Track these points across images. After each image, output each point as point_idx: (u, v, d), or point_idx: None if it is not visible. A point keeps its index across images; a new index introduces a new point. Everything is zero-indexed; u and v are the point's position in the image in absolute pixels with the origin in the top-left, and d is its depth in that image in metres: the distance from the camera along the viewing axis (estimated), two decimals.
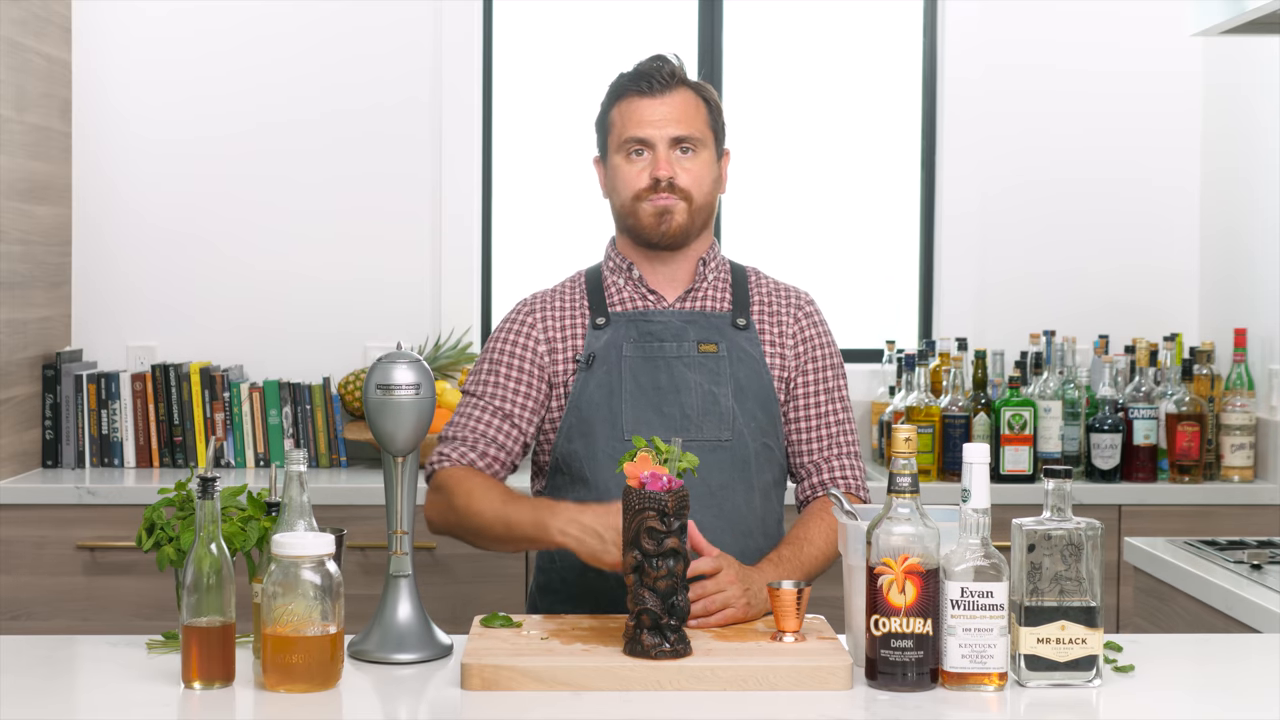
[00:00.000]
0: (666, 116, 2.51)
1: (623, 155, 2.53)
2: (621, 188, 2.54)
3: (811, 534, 2.48)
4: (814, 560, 2.46)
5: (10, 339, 3.81)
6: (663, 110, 2.52)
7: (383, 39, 4.27)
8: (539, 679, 1.96)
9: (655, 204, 2.51)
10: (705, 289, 2.59)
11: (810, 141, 4.48)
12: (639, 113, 2.52)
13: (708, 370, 2.52)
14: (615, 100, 2.56)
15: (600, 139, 2.61)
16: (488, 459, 2.53)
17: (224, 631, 1.96)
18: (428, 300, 4.28)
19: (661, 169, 2.50)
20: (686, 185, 2.51)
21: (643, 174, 2.52)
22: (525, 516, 2.36)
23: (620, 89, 2.56)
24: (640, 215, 2.53)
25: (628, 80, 2.56)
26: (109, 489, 3.73)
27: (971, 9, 4.33)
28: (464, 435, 2.55)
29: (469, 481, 2.47)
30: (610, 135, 2.57)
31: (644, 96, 2.52)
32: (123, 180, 4.24)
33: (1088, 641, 1.97)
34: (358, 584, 3.54)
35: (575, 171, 4.39)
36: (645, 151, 2.52)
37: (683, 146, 2.52)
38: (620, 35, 4.44)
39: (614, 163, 2.55)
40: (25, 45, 3.86)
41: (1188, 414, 3.89)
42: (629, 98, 2.54)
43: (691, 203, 2.52)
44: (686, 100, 2.54)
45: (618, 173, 2.55)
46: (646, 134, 2.51)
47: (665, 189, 2.50)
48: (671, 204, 2.51)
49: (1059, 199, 4.37)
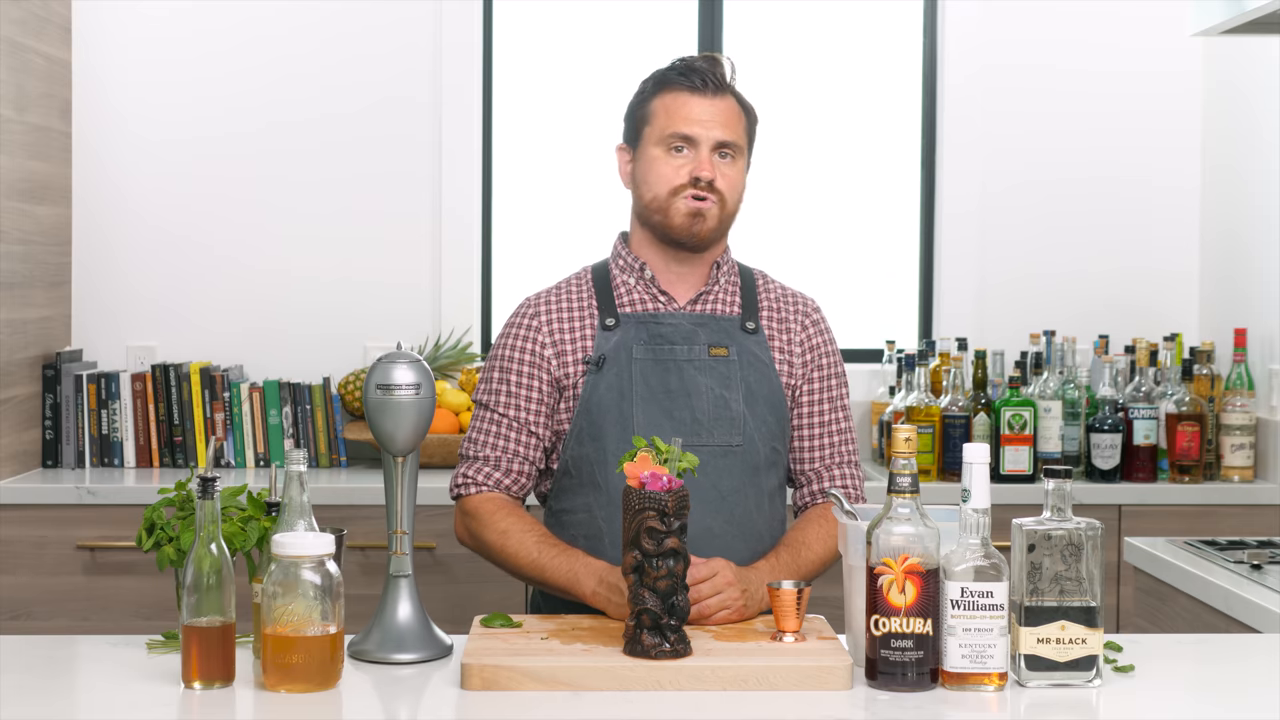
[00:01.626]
0: (715, 118, 2.48)
1: (663, 148, 2.49)
2: (656, 181, 2.50)
3: (809, 538, 2.48)
4: (810, 564, 2.46)
5: (10, 339, 3.81)
6: (711, 111, 2.49)
7: (383, 39, 4.27)
8: (539, 679, 1.96)
9: (691, 204, 2.48)
10: (717, 292, 2.58)
11: (810, 141, 4.48)
12: (688, 109, 2.48)
13: (718, 374, 2.51)
14: (659, 91, 2.52)
15: (632, 128, 2.56)
16: (512, 475, 2.54)
17: (224, 631, 1.96)
18: (428, 300, 4.28)
19: (704, 169, 2.47)
20: (724, 190, 2.49)
21: (682, 170, 2.48)
22: (560, 572, 2.39)
23: (667, 81, 2.52)
24: (672, 212, 2.49)
25: (677, 74, 2.51)
26: (109, 489, 3.73)
27: (971, 9, 4.33)
28: (485, 454, 2.54)
29: (501, 519, 2.48)
30: (650, 126, 2.52)
31: (695, 94, 2.49)
32: (123, 180, 4.24)
33: (1088, 641, 1.97)
34: (358, 584, 3.54)
35: (575, 171, 4.40)
36: (687, 149, 2.48)
37: (723, 151, 2.50)
38: (620, 35, 4.44)
39: (651, 154, 2.51)
40: (25, 45, 3.86)
41: (1188, 414, 3.89)
42: (677, 91, 2.50)
43: (724, 208, 2.50)
44: (732, 107, 2.52)
45: (654, 165, 2.50)
46: (694, 132, 2.48)
47: (705, 189, 2.48)
48: (707, 207, 2.48)
49: (1059, 199, 4.37)
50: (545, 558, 2.41)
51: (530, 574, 2.44)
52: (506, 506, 2.51)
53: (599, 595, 2.31)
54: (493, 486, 2.53)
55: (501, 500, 2.52)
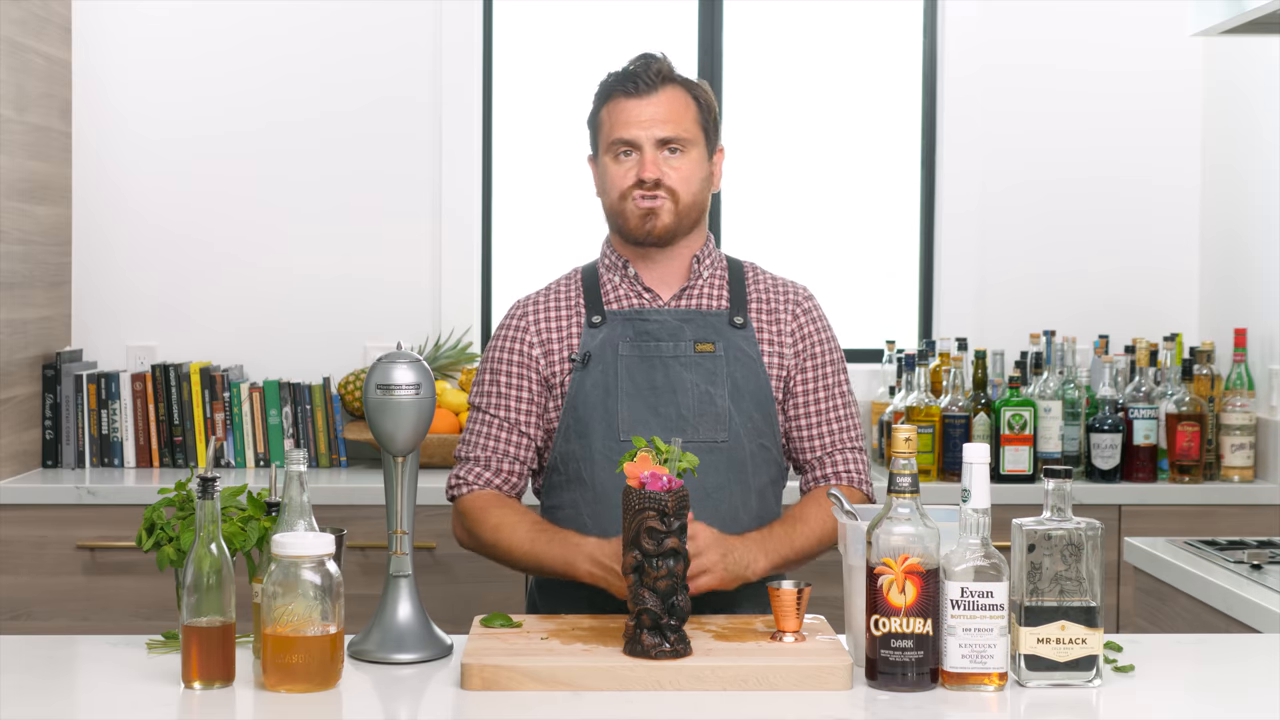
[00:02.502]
0: (653, 117, 2.52)
1: (611, 156, 2.55)
2: (609, 187, 2.56)
3: (807, 514, 2.48)
4: (806, 539, 2.46)
5: (10, 339, 3.81)
6: (649, 111, 2.52)
7: (383, 39, 4.27)
8: (539, 679, 1.96)
9: (640, 204, 2.52)
10: (701, 286, 2.59)
11: (810, 141, 4.48)
12: (625, 113, 2.53)
13: (704, 370, 2.52)
14: (604, 101, 2.58)
15: (592, 139, 2.63)
16: (503, 474, 2.56)
17: (224, 631, 1.96)
18: (428, 300, 4.28)
19: (647, 170, 2.51)
20: (674, 185, 2.52)
21: (629, 174, 2.53)
22: (555, 556, 2.41)
23: (608, 89, 2.57)
24: (626, 215, 2.54)
25: (614, 81, 2.57)
26: (109, 489, 3.73)
27: (971, 8, 4.33)
28: (477, 455, 2.57)
29: (494, 514, 2.50)
30: (599, 135, 2.58)
31: (630, 97, 2.53)
32: (123, 180, 4.24)
33: (1088, 641, 1.97)
34: (358, 584, 3.54)
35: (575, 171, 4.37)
36: (632, 152, 2.53)
37: (670, 146, 2.52)
38: (620, 35, 4.44)
39: (603, 163, 2.57)
40: (25, 45, 3.86)
41: (1188, 414, 3.89)
42: (616, 98, 2.55)
43: (678, 202, 2.53)
44: (674, 99, 2.54)
45: (606, 172, 2.57)
46: (632, 135, 2.52)
47: (651, 188, 2.51)
48: (657, 205, 2.52)
49: (1059, 199, 4.37)
50: (539, 545, 2.43)
51: (528, 564, 2.46)
52: (498, 501, 2.52)
53: (595, 575, 2.34)
54: (484, 486, 2.56)
55: (493, 496, 2.54)
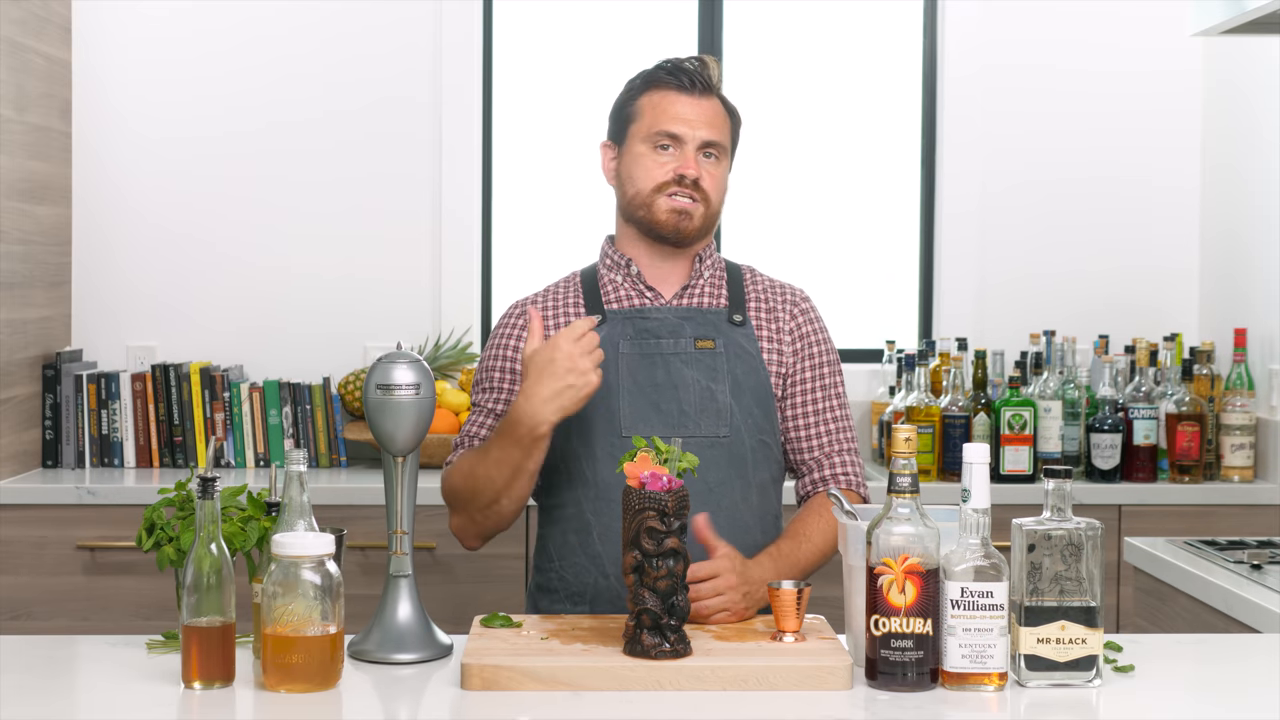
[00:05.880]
0: (701, 118, 2.51)
1: (649, 145, 2.51)
2: (641, 177, 2.52)
3: (810, 530, 2.48)
4: (810, 557, 2.47)
5: (10, 339, 3.81)
6: (698, 111, 2.51)
7: (383, 39, 4.27)
8: (539, 679, 1.96)
9: (675, 202, 2.50)
10: (701, 285, 2.59)
11: (810, 141, 4.48)
12: (675, 108, 2.51)
13: (705, 367, 2.52)
14: (648, 89, 2.54)
15: (618, 126, 2.58)
16: None
17: (224, 631, 1.96)
18: (428, 300, 4.28)
19: (690, 167, 2.49)
20: (709, 189, 2.52)
21: (667, 167, 2.50)
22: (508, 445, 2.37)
23: (656, 79, 2.54)
24: (655, 208, 2.51)
25: (665, 73, 2.54)
26: (109, 489, 3.73)
27: (971, 9, 4.34)
28: (467, 443, 2.58)
29: (459, 463, 2.50)
30: (636, 123, 2.54)
31: (684, 93, 2.52)
32: (123, 180, 4.24)
33: (1088, 641, 1.97)
34: (358, 584, 3.54)
35: (575, 171, 4.40)
36: (673, 147, 2.51)
37: (708, 151, 2.52)
38: (620, 35, 4.44)
39: (636, 151, 2.53)
40: (25, 45, 3.86)
41: (1188, 414, 3.89)
42: (665, 90, 2.52)
43: (709, 207, 2.53)
44: (717, 108, 2.55)
45: (639, 161, 2.52)
46: (680, 130, 2.50)
47: (691, 187, 2.50)
48: (693, 207, 2.51)
49: (1059, 199, 4.37)
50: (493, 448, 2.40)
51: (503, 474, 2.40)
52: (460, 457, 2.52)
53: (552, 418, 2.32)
54: None
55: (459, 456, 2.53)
